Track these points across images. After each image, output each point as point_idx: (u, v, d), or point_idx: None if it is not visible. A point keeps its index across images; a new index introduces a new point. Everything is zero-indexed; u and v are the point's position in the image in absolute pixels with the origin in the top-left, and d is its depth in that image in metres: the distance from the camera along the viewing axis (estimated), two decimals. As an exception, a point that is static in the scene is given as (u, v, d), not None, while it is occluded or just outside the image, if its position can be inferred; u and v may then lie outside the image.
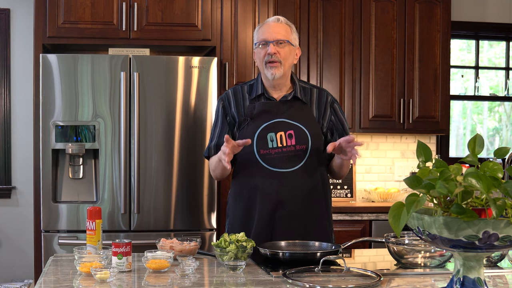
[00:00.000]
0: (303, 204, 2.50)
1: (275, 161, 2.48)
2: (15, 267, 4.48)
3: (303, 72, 4.20)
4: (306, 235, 2.44)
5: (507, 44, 5.02)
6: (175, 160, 3.60)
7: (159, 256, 2.04)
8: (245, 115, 2.54)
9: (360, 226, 4.01)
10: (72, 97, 3.53)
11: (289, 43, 2.52)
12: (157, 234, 3.47)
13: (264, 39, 2.51)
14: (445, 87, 4.39)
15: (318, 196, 2.53)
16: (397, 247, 2.13)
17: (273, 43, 2.49)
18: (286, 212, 2.48)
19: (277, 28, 2.52)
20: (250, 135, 2.49)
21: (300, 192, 2.49)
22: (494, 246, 1.37)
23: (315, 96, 2.59)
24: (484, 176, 1.33)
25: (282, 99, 2.55)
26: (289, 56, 2.53)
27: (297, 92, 2.55)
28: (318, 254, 2.11)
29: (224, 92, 2.67)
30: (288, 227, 2.48)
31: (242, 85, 2.64)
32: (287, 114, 2.52)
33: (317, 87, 2.65)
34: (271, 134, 2.50)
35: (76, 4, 3.67)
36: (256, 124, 2.51)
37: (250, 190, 2.52)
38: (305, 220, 2.50)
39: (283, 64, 2.50)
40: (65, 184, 3.59)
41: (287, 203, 2.48)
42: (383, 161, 4.63)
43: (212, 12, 3.77)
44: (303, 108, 2.55)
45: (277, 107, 2.54)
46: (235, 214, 2.59)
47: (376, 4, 4.30)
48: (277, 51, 2.49)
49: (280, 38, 2.50)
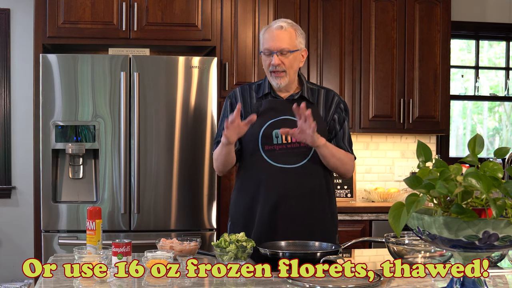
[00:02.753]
0: (305, 201, 2.50)
1: (279, 157, 2.49)
2: (15, 267, 4.48)
3: (303, 72, 4.19)
4: (309, 232, 2.44)
5: (507, 44, 5.02)
6: (175, 160, 3.60)
7: (159, 256, 2.04)
8: (252, 112, 2.55)
9: (360, 226, 4.01)
10: (72, 97, 3.53)
11: (293, 52, 2.51)
12: (157, 234, 3.47)
13: (268, 48, 2.51)
14: (445, 87, 4.39)
15: (321, 194, 2.53)
16: (397, 247, 2.13)
17: (277, 53, 2.49)
18: (288, 208, 2.48)
19: (281, 36, 2.50)
20: (256, 132, 2.51)
21: (303, 189, 2.50)
22: (494, 246, 1.37)
23: (322, 96, 2.60)
24: (484, 176, 1.33)
25: (289, 97, 2.57)
26: (294, 63, 2.53)
27: (304, 92, 2.57)
28: (318, 254, 2.10)
29: (232, 90, 2.69)
30: (290, 223, 2.48)
31: (250, 85, 2.66)
32: (292, 112, 2.52)
33: (325, 88, 2.66)
34: (277, 131, 2.51)
35: (76, 4, 3.67)
36: (262, 121, 2.53)
37: (253, 185, 2.53)
38: (307, 217, 2.50)
39: (288, 73, 2.52)
40: (65, 184, 3.59)
41: (289, 199, 2.48)
42: (383, 161, 4.63)
43: (212, 12, 3.77)
44: (310, 107, 2.55)
45: (283, 105, 2.55)
46: (238, 208, 2.60)
47: (376, 4, 4.30)
48: (281, 61, 2.49)
49: (284, 47, 2.49)
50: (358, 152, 4.59)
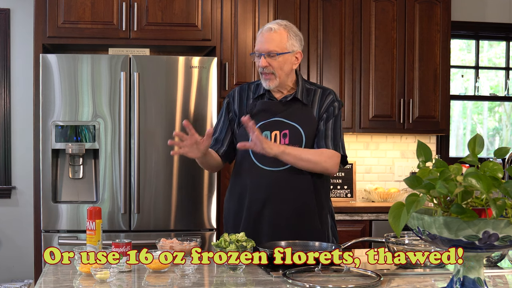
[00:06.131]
0: (290, 203, 2.50)
1: (267, 159, 2.49)
2: (15, 267, 4.48)
3: (303, 72, 4.20)
4: (295, 234, 2.43)
5: (507, 44, 5.02)
6: (175, 160, 3.60)
7: (159, 256, 2.04)
8: (246, 113, 2.56)
9: (360, 226, 4.01)
10: (72, 97, 3.53)
11: (281, 54, 2.48)
12: (157, 234, 3.47)
13: (257, 49, 2.52)
14: (445, 87, 4.39)
15: (308, 197, 2.52)
16: (397, 247, 2.13)
17: (264, 55, 2.48)
18: (275, 210, 2.49)
19: (269, 38, 2.48)
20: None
21: (288, 191, 2.49)
22: (494, 246, 1.37)
23: (317, 97, 2.58)
24: (484, 176, 1.33)
25: (283, 99, 2.57)
26: (284, 65, 2.50)
27: (297, 93, 2.55)
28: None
29: (232, 90, 2.70)
30: (276, 226, 2.49)
31: (250, 84, 2.67)
32: (284, 114, 2.53)
33: (323, 88, 2.62)
34: (266, 133, 2.51)
35: (76, 4, 3.67)
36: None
37: (241, 187, 2.55)
38: (293, 219, 2.50)
39: (277, 75, 2.50)
40: (65, 184, 3.59)
41: (274, 202, 2.48)
42: (383, 161, 4.63)
43: (212, 12, 3.77)
44: (303, 109, 2.55)
45: (276, 106, 2.55)
46: (229, 210, 2.64)
47: (376, 4, 4.30)
48: (269, 63, 2.48)
49: (271, 49, 2.47)
50: (358, 152, 4.59)
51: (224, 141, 2.63)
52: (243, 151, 2.54)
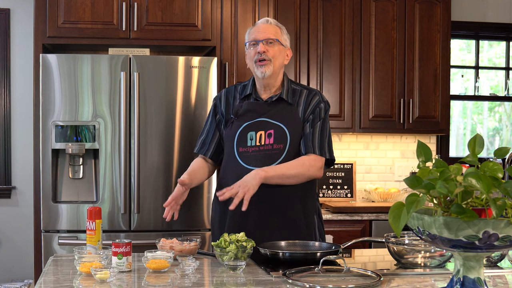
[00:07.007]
0: (273, 203, 2.50)
1: (251, 159, 2.50)
2: (15, 267, 4.48)
3: (303, 72, 4.20)
4: (280, 235, 2.43)
5: (507, 44, 5.02)
6: (175, 160, 3.60)
7: (159, 256, 2.04)
8: (232, 114, 2.59)
9: (360, 226, 4.01)
10: (72, 97, 3.53)
11: (279, 42, 2.57)
12: (157, 234, 3.47)
13: (254, 38, 2.57)
14: (445, 87, 4.39)
15: (292, 197, 2.52)
16: (397, 247, 2.13)
17: (263, 42, 2.55)
18: (259, 212, 2.48)
19: (266, 28, 2.58)
20: (233, 133, 2.56)
21: (272, 191, 2.48)
22: (494, 246, 1.37)
23: (303, 97, 2.60)
24: (484, 176, 1.33)
25: (268, 99, 2.59)
26: (279, 55, 2.57)
27: (283, 94, 2.57)
28: (318, 254, 2.11)
29: (219, 92, 2.75)
30: (261, 226, 2.49)
31: (237, 85, 2.71)
32: (269, 114, 2.55)
33: (308, 89, 2.64)
34: (252, 133, 2.53)
35: (76, 4, 3.67)
36: (239, 123, 2.57)
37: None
38: (278, 220, 2.50)
39: (273, 63, 2.54)
40: (65, 184, 3.59)
41: (258, 202, 2.46)
42: (383, 161, 4.63)
43: (212, 12, 3.77)
44: (288, 109, 2.56)
45: (261, 107, 2.58)
46: (215, 211, 2.67)
47: (376, 4, 4.30)
48: (267, 49, 2.54)
49: (270, 37, 2.56)
50: (358, 152, 4.59)
51: (211, 143, 2.67)
52: (229, 151, 2.57)
